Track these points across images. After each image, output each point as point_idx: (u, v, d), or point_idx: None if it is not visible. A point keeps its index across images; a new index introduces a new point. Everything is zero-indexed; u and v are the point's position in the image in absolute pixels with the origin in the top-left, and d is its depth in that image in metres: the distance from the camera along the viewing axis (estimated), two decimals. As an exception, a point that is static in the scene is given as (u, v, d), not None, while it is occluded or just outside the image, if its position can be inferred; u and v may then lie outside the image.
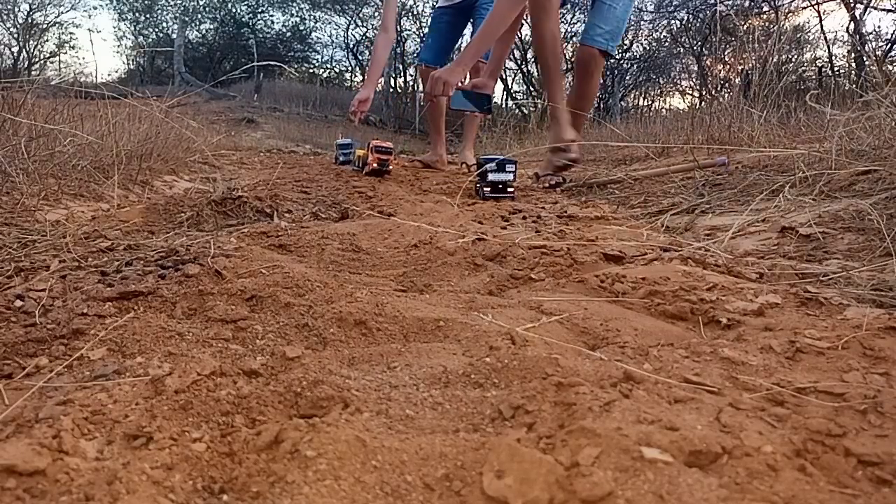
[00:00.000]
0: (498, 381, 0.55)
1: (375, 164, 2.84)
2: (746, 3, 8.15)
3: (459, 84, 2.36)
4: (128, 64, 15.17)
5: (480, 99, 2.40)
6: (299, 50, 15.41)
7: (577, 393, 0.48)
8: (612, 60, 10.86)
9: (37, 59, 12.89)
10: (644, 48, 11.02)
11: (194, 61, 13.71)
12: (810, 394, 0.52)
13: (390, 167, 2.91)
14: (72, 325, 0.73)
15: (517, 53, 11.22)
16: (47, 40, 13.33)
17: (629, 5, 2.55)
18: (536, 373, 0.54)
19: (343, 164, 3.84)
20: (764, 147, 2.22)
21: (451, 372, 0.57)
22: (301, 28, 14.97)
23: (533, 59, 11.24)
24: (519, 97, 11.52)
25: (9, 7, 11.94)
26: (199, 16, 14.60)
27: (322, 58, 15.84)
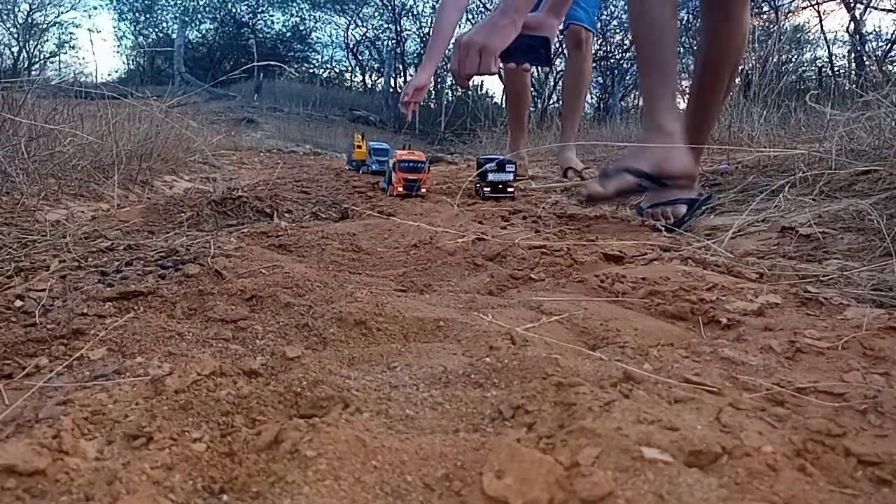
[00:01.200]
0: (498, 381, 0.55)
1: (401, 188, 2.11)
2: (746, 3, 8.13)
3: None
4: (128, 64, 15.17)
5: (533, 45, 1.44)
6: (299, 50, 15.41)
7: (577, 393, 0.48)
8: (612, 60, 10.85)
9: (37, 59, 12.90)
10: (644, 48, 11.02)
11: (194, 61, 13.72)
12: (810, 394, 0.52)
13: (423, 189, 2.14)
14: (72, 325, 0.73)
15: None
16: (47, 40, 13.34)
17: None
18: (536, 373, 0.54)
19: (374, 173, 3.01)
20: (764, 147, 2.22)
21: (451, 372, 0.57)
22: (301, 28, 14.98)
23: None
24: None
25: (9, 7, 11.94)
26: (199, 16, 14.61)
27: (322, 58, 15.86)
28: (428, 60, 2.42)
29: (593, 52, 2.93)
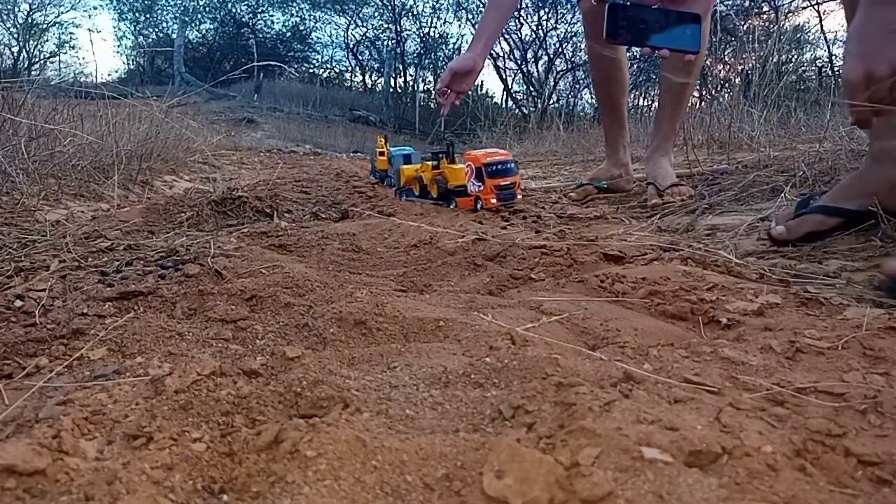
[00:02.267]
0: (498, 381, 0.55)
1: (494, 199, 1.65)
2: (746, 3, 8.15)
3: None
4: (128, 64, 15.15)
5: (674, 23, 1.01)
6: (299, 50, 15.41)
7: (577, 393, 0.48)
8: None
9: (37, 59, 12.88)
10: (644, 48, 11.02)
11: (194, 61, 13.71)
12: (810, 394, 0.52)
13: (519, 195, 1.70)
14: (72, 325, 0.73)
15: (517, 53, 11.20)
16: (47, 40, 13.32)
17: None
18: (536, 373, 0.54)
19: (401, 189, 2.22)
20: (764, 147, 2.22)
21: (451, 372, 0.57)
22: (301, 28, 14.98)
23: (533, 60, 11.21)
24: (519, 97, 11.50)
25: (9, 7, 11.94)
26: (199, 16, 14.61)
27: (322, 58, 15.84)
28: (477, 40, 1.75)
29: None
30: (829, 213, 1.13)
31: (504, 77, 11.43)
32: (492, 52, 11.29)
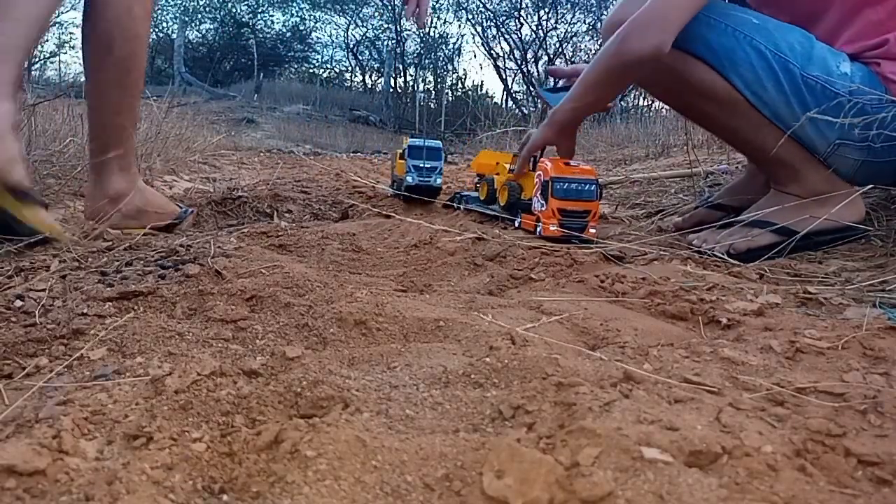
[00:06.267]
0: (498, 381, 0.55)
1: (556, 225, 1.26)
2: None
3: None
4: (128, 64, 15.09)
5: None
6: (299, 50, 15.39)
7: (577, 393, 0.48)
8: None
9: (37, 59, 12.86)
10: (644, 48, 11.02)
11: (194, 61, 13.71)
12: (810, 394, 0.52)
13: (593, 228, 1.28)
14: (72, 325, 0.73)
15: (517, 53, 11.21)
16: (47, 40, 13.27)
17: None
18: (536, 373, 0.54)
19: (412, 190, 1.82)
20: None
21: (451, 372, 0.57)
22: (301, 28, 14.97)
23: (533, 60, 11.20)
24: (519, 97, 11.49)
25: (9, 7, 11.89)
26: (199, 16, 14.59)
27: (322, 58, 15.82)
28: None
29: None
30: (715, 208, 1.41)
31: (504, 77, 11.43)
32: (492, 51, 11.28)
